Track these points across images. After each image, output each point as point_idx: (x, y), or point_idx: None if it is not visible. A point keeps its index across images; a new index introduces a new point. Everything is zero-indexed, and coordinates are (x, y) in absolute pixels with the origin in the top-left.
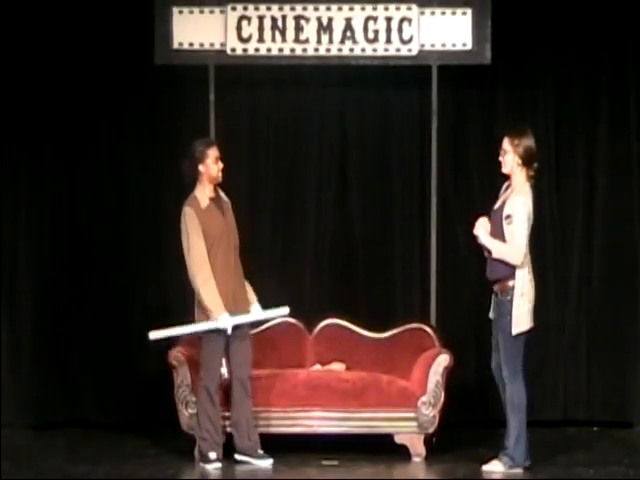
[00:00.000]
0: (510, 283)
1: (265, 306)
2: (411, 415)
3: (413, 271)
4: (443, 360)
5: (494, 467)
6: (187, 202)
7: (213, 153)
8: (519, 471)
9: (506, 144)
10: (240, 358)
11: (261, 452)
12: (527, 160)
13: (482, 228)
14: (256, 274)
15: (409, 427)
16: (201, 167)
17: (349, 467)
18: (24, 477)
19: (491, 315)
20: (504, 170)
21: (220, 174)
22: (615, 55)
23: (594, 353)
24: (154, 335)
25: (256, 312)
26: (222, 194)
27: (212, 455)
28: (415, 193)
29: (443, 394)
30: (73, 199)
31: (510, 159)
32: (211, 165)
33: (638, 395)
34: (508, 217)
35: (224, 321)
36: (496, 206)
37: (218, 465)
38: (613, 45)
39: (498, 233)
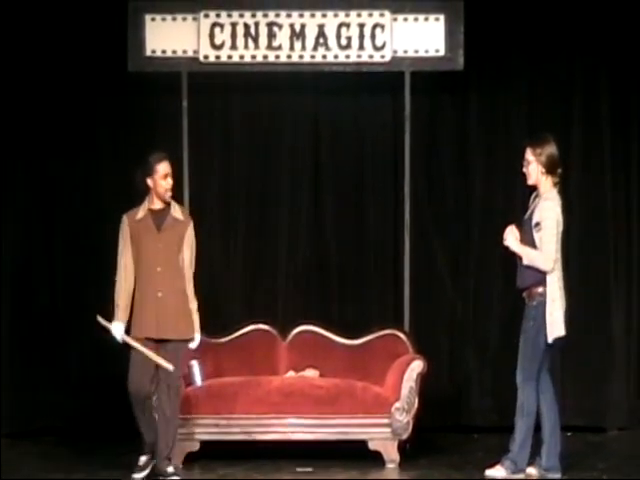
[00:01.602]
0: (539, 289)
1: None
2: (385, 421)
3: (387, 278)
4: (417, 366)
5: (497, 472)
6: (128, 212)
7: (163, 169)
8: (521, 476)
9: (529, 155)
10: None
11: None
12: (551, 168)
13: (511, 236)
14: (230, 281)
15: (383, 433)
16: (149, 181)
17: (323, 474)
18: None
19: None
20: (529, 182)
21: (169, 192)
22: (588, 60)
23: (568, 360)
24: (100, 319)
25: (150, 352)
26: (177, 211)
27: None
28: (389, 199)
29: (417, 400)
30: (46, 204)
31: (534, 169)
32: (159, 180)
33: (611, 401)
34: (537, 225)
35: (114, 329)
36: (526, 216)
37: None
38: (585, 50)
39: (529, 242)
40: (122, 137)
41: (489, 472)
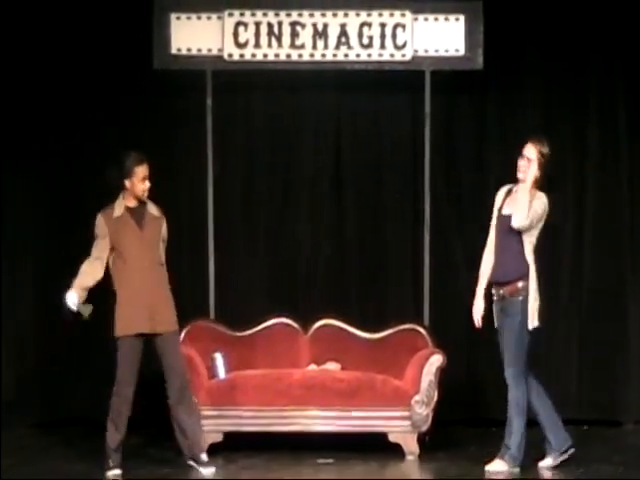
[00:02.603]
0: (521, 284)
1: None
2: (405, 414)
3: (406, 273)
4: (436, 360)
5: (498, 467)
6: (102, 210)
7: (141, 172)
8: (518, 470)
9: (532, 152)
10: (170, 361)
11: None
12: (542, 168)
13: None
14: (254, 277)
15: (403, 426)
16: (127, 182)
17: (344, 465)
18: (24, 475)
19: (497, 324)
20: (525, 177)
21: (145, 192)
22: (604, 60)
23: (584, 354)
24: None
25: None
26: (153, 208)
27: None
28: (408, 196)
29: (436, 393)
30: (74, 201)
31: (534, 167)
32: (137, 183)
33: (626, 395)
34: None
35: (68, 297)
36: (505, 211)
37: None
38: (602, 50)
39: (511, 239)
40: (147, 134)
41: (490, 467)
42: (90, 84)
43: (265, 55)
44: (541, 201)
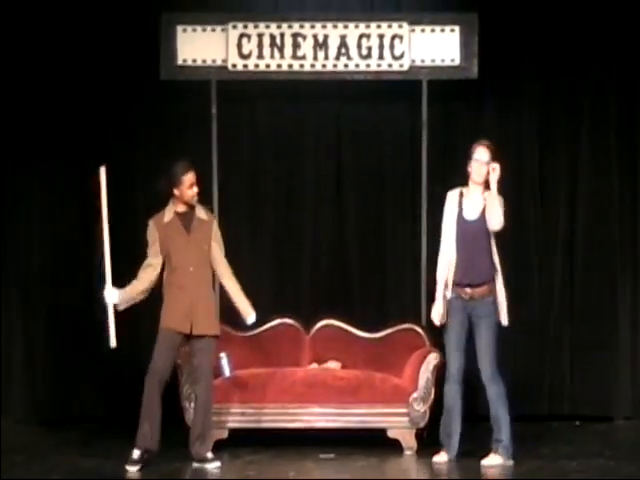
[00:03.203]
0: (492, 285)
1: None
2: (403, 411)
3: (405, 275)
4: (433, 358)
5: (494, 461)
6: (154, 216)
7: (188, 180)
8: (512, 462)
9: (488, 156)
10: (195, 362)
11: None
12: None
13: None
14: (257, 278)
15: (401, 422)
16: (175, 190)
17: (345, 460)
18: (35, 472)
19: (443, 320)
20: (481, 180)
21: (195, 197)
22: (597, 71)
23: (577, 351)
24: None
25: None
26: (202, 212)
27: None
28: (407, 201)
29: (433, 390)
30: (81, 210)
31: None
32: (185, 190)
33: (619, 391)
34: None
35: (106, 291)
36: (472, 217)
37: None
38: (595, 62)
39: (480, 242)
40: (155, 142)
41: (485, 461)
42: (99, 95)
43: (268, 65)
44: (503, 201)
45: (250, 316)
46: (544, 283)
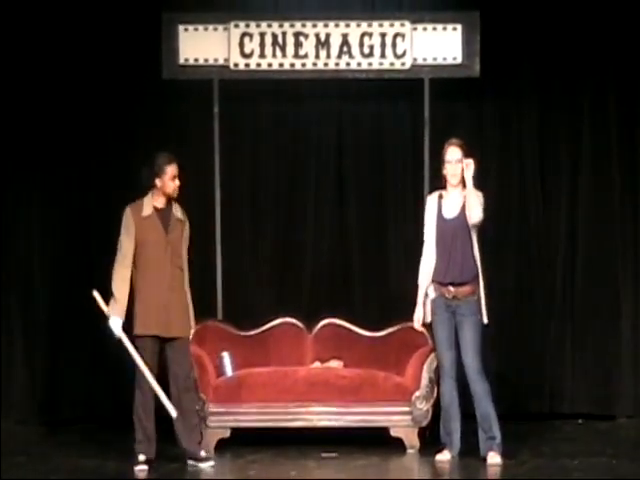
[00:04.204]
0: (475, 284)
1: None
2: (406, 409)
3: (408, 274)
4: (435, 357)
5: (494, 459)
6: (132, 204)
7: (171, 170)
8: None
9: (459, 154)
10: (175, 368)
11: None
12: None
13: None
14: (259, 278)
15: (404, 421)
16: (157, 181)
17: (347, 459)
18: (36, 472)
19: (428, 319)
20: (456, 182)
21: (176, 190)
22: (597, 70)
23: (578, 350)
24: (97, 295)
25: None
26: (178, 211)
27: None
28: (408, 199)
29: (436, 389)
30: (83, 205)
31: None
32: (167, 181)
33: (620, 389)
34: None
35: (112, 323)
36: (451, 215)
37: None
38: (596, 60)
39: (461, 241)
40: (157, 141)
41: (489, 460)
42: (101, 94)
43: (270, 64)
44: (482, 195)
45: (190, 332)
46: (546, 282)
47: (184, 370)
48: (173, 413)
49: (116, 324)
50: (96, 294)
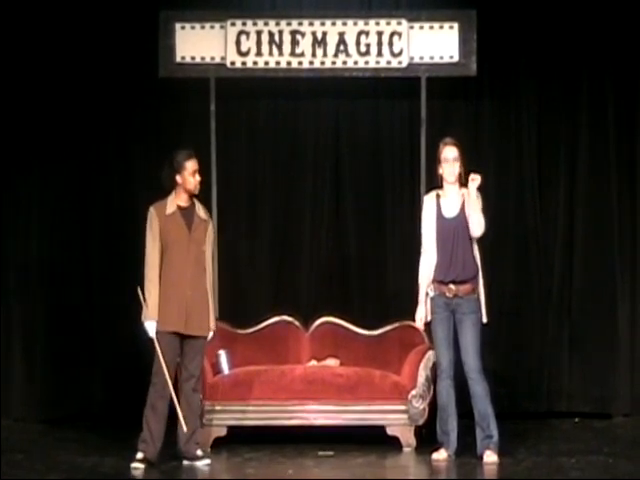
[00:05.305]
0: (475, 282)
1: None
2: (402, 408)
3: (404, 273)
4: (432, 356)
5: (491, 458)
6: (155, 203)
7: (191, 166)
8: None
9: (456, 153)
10: (189, 367)
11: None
12: (464, 164)
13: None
14: (257, 276)
15: (400, 419)
16: (178, 177)
17: (344, 457)
18: (35, 470)
19: (428, 318)
20: (453, 179)
21: (197, 186)
22: (594, 68)
23: (576, 349)
24: (140, 293)
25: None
26: (201, 210)
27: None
28: (406, 197)
29: (432, 388)
30: (81, 204)
31: (457, 167)
32: (188, 177)
33: (617, 388)
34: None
35: (148, 327)
36: (450, 214)
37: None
38: (593, 58)
39: (462, 240)
40: (153, 139)
41: (486, 459)
42: (98, 92)
43: (266, 63)
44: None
45: (209, 332)
46: (543, 282)
47: (197, 370)
48: (184, 428)
49: (151, 328)
50: (139, 291)
